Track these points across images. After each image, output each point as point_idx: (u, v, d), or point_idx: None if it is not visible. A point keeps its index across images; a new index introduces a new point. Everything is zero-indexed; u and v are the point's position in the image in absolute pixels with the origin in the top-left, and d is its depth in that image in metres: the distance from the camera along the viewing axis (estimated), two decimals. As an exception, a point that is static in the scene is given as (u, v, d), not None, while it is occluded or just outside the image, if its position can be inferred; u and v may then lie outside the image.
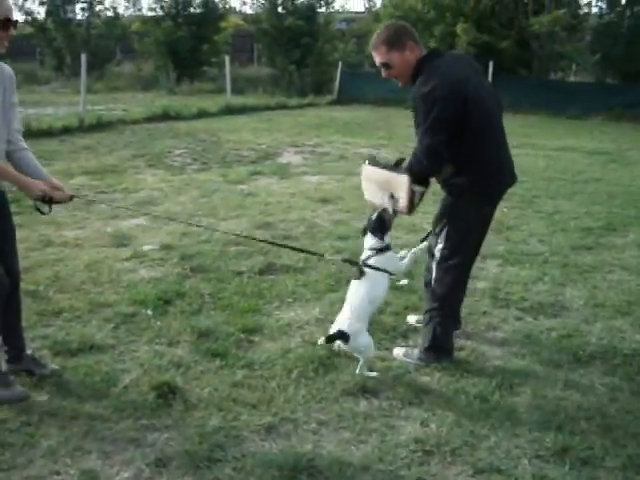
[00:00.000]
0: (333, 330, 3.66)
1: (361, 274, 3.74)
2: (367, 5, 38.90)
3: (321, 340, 3.70)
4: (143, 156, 10.68)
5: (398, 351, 3.94)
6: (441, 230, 3.76)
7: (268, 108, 19.25)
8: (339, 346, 3.77)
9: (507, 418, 3.32)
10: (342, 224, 6.79)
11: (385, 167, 3.82)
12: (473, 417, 3.32)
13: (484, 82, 3.86)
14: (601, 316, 4.64)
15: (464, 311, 4.52)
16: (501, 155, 3.78)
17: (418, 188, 3.63)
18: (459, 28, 21.84)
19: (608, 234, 6.79)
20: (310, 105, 21.02)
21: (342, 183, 8.87)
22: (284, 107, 19.89)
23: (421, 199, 3.71)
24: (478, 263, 5.52)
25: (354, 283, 3.79)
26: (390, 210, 3.76)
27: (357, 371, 3.68)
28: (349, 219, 6.93)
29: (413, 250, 3.89)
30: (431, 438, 3.13)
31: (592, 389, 3.65)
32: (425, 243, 3.97)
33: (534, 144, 13.46)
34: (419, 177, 3.59)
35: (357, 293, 3.74)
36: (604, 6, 23.34)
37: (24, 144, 3.47)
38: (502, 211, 7.51)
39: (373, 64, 3.85)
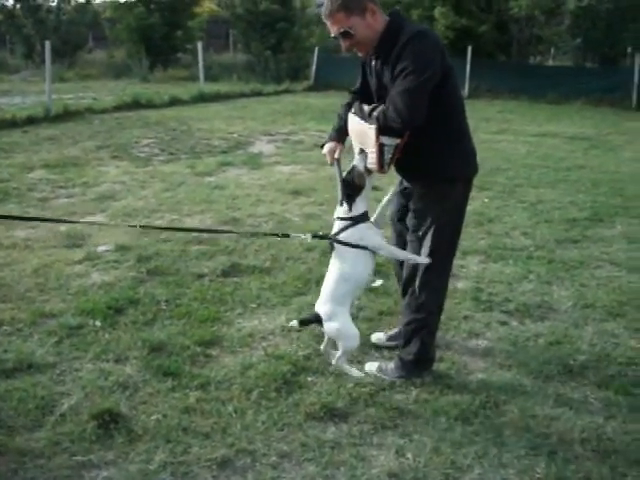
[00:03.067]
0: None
1: (331, 249, 3.39)
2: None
3: (293, 322, 3.52)
4: (108, 147, 10.18)
5: (370, 366, 3.53)
6: (426, 231, 3.31)
7: (243, 95, 18.76)
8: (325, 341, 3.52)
9: (493, 443, 2.94)
10: (314, 218, 6.38)
11: (363, 116, 3.23)
12: (455, 443, 2.94)
13: None
14: (591, 319, 4.29)
15: (443, 316, 4.13)
16: (472, 139, 3.41)
17: (388, 140, 3.11)
18: (437, 12, 21.44)
19: (594, 225, 6.45)
20: (286, 92, 20.53)
21: (315, 173, 8.46)
22: (259, 94, 19.40)
23: (395, 154, 3.16)
24: (458, 260, 5.18)
25: (331, 260, 3.43)
26: (361, 167, 3.26)
27: (333, 362, 3.42)
28: (322, 213, 6.51)
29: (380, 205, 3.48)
30: (407, 471, 2.75)
31: (585, 405, 3.29)
32: (420, 259, 3.36)
33: (514, 130, 13.15)
34: (391, 125, 3.06)
35: (330, 271, 3.40)
36: (583, -11, 23.04)
37: None
38: (482, 202, 7.18)
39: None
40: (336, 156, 3.41)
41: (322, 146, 3.55)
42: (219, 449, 2.86)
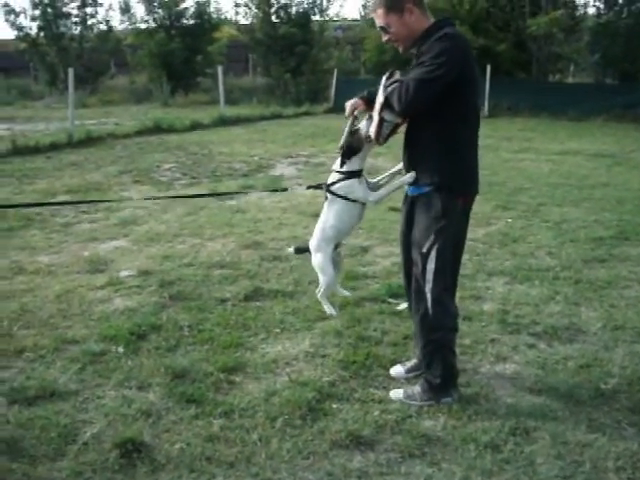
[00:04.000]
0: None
1: (326, 197, 3.70)
2: (362, 12, 38.40)
3: (291, 249, 4.28)
4: (130, 172, 10.25)
5: (397, 393, 3.46)
6: (430, 249, 3.28)
7: (263, 118, 18.84)
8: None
9: (524, 472, 2.86)
10: (336, 241, 6.34)
11: (384, 84, 3.33)
12: (485, 472, 2.86)
13: None
14: (622, 340, 4.19)
15: (469, 339, 4.09)
16: (477, 159, 3.42)
17: (389, 116, 3.24)
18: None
19: (621, 244, 6.33)
20: (306, 114, 20.59)
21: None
22: (279, 117, 19.47)
23: (393, 132, 3.32)
24: (483, 282, 5.14)
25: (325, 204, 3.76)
26: (364, 131, 3.46)
27: (316, 291, 3.88)
28: (344, 235, 6.46)
29: (391, 184, 3.63)
30: (436, 501, 2.68)
31: (619, 430, 3.20)
32: (405, 178, 3.40)
33: (536, 148, 13.03)
34: (394, 106, 3.19)
35: (322, 214, 3.77)
36: (601, 6, 22.93)
37: None
38: (506, 221, 7.10)
39: (369, 71, 3.51)
40: (355, 113, 3.54)
41: None
42: (244, 479, 2.81)
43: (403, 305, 4.66)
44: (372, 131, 3.32)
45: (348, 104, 3.54)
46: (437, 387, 3.39)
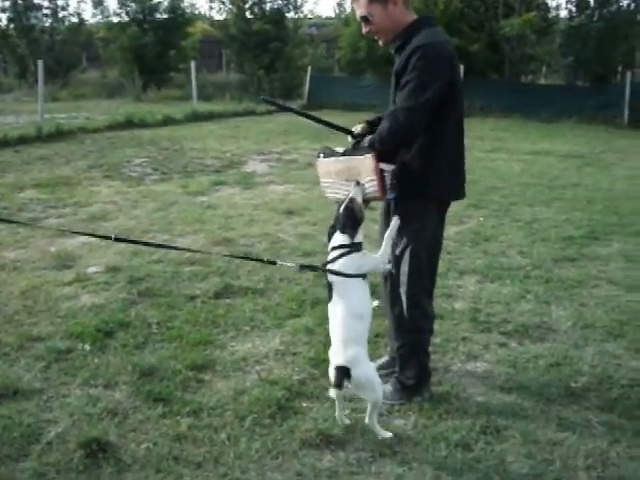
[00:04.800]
0: (331, 370, 2.98)
1: (330, 291, 3.07)
2: (337, 10, 38.43)
3: (332, 392, 2.95)
4: (100, 166, 10.10)
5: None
6: (403, 251, 3.26)
7: (236, 115, 18.72)
8: (347, 387, 2.97)
9: (495, 471, 2.85)
10: (308, 238, 6.30)
11: (344, 153, 3.27)
12: (455, 471, 2.84)
13: None
14: (592, 339, 4.20)
15: (440, 338, 4.08)
16: (464, 161, 3.35)
17: (387, 166, 3.16)
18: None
19: (591, 243, 6.38)
20: (279, 111, 20.47)
21: (309, 193, 8.38)
22: (252, 113, 19.36)
23: (393, 179, 3.20)
24: (455, 280, 5.14)
25: (330, 305, 3.10)
26: (359, 199, 3.12)
27: (366, 420, 3.05)
28: (316, 233, 6.42)
29: (387, 234, 3.19)
30: (407, 501, 2.65)
31: (589, 429, 3.20)
32: (394, 223, 3.21)
33: (508, 148, 13.12)
34: (388, 145, 3.13)
35: (336, 314, 3.03)
36: (573, 9, 23.13)
37: None
38: (478, 220, 7.12)
39: (343, 68, 3.43)
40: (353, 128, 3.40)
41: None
42: (211, 479, 2.75)
43: (374, 303, 4.63)
44: (375, 190, 3.10)
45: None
46: (410, 388, 3.38)
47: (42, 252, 5.76)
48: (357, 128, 3.40)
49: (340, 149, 3.34)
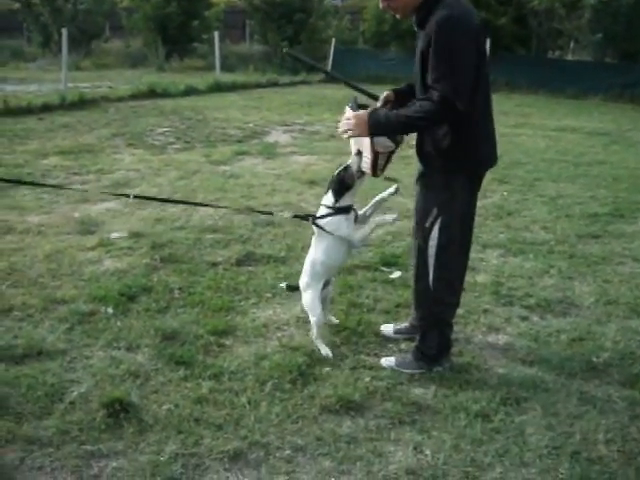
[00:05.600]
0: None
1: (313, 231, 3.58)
2: (362, -18, 37.89)
3: (282, 284, 4.07)
4: (123, 135, 10.11)
5: (388, 360, 3.44)
6: (433, 222, 3.20)
7: (259, 86, 18.63)
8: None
9: (514, 442, 2.85)
10: (330, 209, 6.27)
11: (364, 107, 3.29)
12: (475, 440, 2.85)
13: None
14: (615, 315, 4.17)
15: (462, 309, 4.05)
16: (494, 132, 3.28)
17: (383, 148, 3.17)
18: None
19: (616, 221, 6.30)
20: (302, 83, 20.37)
21: (332, 164, 8.32)
22: (275, 85, 19.26)
23: (389, 160, 3.27)
24: (477, 253, 5.10)
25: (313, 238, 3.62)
26: (354, 168, 3.36)
27: (310, 334, 3.62)
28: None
29: (375, 219, 3.52)
30: (425, 468, 2.66)
31: (610, 404, 3.19)
32: (387, 217, 3.51)
33: (533, 124, 12.95)
34: (411, 127, 3.12)
35: (310, 250, 3.62)
36: (604, -17, 22.66)
37: None
38: (502, 195, 7.06)
39: (367, 41, 3.36)
40: (378, 103, 3.37)
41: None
42: (232, 441, 2.78)
43: (396, 273, 4.64)
44: (367, 167, 3.25)
45: (344, 124, 3.23)
46: (431, 357, 3.37)
47: (66, 217, 5.80)
48: (383, 95, 3.37)
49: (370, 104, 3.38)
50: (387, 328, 3.81)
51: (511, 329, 3.93)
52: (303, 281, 3.61)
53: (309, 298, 3.56)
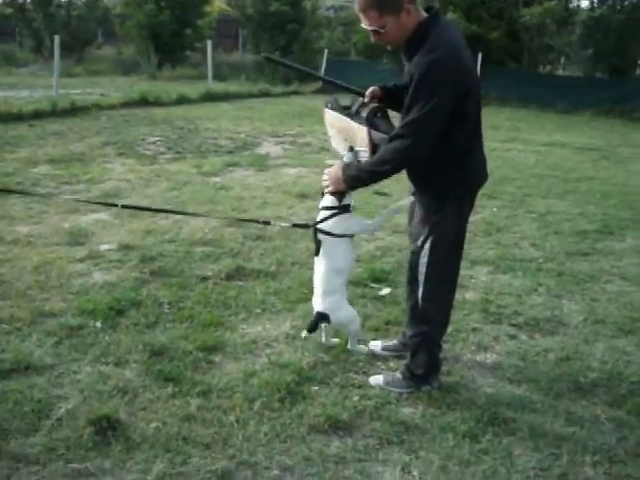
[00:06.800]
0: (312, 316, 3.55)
1: (316, 240, 3.47)
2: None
3: (304, 333, 3.62)
4: (114, 144, 10.09)
5: (376, 379, 3.44)
6: (424, 242, 3.23)
7: (251, 96, 18.66)
8: (325, 327, 3.66)
9: (502, 463, 2.85)
10: (321, 223, 6.28)
11: (348, 114, 3.39)
12: (462, 461, 2.85)
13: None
14: (602, 335, 4.19)
15: (451, 327, 4.05)
16: (483, 149, 3.30)
17: (379, 139, 3.20)
18: (448, 17, 21.31)
19: (604, 238, 6.35)
20: (294, 93, 20.42)
21: (323, 176, 8.34)
22: (267, 95, 19.30)
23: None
24: (467, 270, 5.11)
25: (316, 259, 3.55)
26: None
27: (349, 346, 3.68)
28: (329, 217, 6.40)
29: (386, 210, 3.71)
30: (413, 490, 2.66)
31: (597, 425, 3.20)
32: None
33: (523, 139, 13.04)
34: (380, 175, 3.19)
35: (320, 267, 3.51)
36: (595, 0, 22.89)
37: None
38: (491, 210, 7.09)
39: (360, 52, 3.39)
40: (365, 99, 3.42)
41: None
42: (220, 460, 2.77)
43: (385, 290, 4.65)
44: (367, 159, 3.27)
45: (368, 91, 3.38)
46: (419, 376, 3.38)
47: (55, 228, 5.78)
48: (369, 91, 3.43)
49: (345, 104, 3.49)
50: (375, 345, 3.81)
51: (499, 348, 3.95)
52: (328, 303, 3.48)
53: (346, 312, 3.54)
